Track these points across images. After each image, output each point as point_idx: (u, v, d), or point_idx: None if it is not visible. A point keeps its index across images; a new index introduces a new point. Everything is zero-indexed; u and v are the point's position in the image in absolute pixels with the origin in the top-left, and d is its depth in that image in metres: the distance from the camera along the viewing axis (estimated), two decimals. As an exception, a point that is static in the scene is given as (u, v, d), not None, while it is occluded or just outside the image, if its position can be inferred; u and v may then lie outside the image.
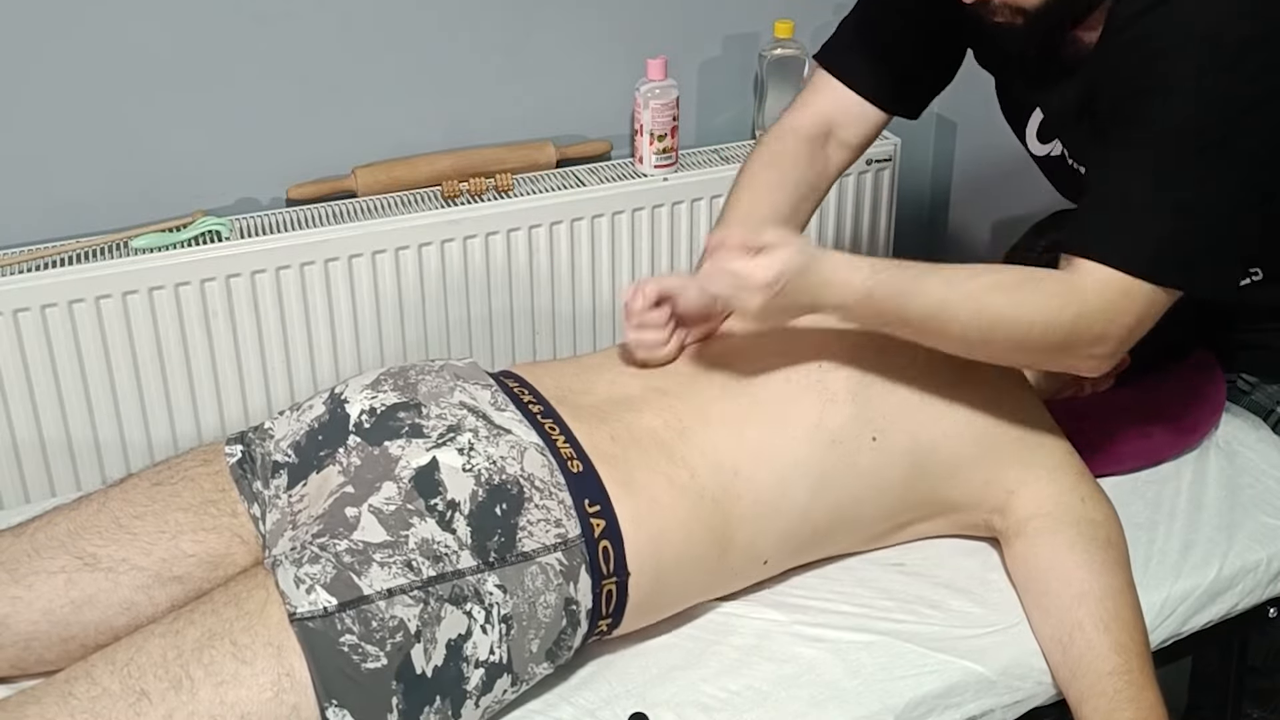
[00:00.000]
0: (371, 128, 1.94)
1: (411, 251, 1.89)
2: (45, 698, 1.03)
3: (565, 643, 1.17)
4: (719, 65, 2.15)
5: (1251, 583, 1.39)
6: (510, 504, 1.15)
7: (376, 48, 1.90)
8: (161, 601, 1.19)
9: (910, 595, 1.33)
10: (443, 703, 1.09)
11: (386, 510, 1.13)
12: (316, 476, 1.21)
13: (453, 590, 1.10)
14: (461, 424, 1.21)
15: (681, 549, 1.22)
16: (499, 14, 1.95)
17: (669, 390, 1.31)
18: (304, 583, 1.07)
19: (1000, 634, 1.28)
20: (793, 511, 1.28)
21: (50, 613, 1.17)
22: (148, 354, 1.79)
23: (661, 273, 2.08)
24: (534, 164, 2.03)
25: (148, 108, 1.80)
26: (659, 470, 1.23)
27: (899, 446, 1.30)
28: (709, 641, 1.27)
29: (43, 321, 1.72)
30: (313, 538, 1.12)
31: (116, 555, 1.19)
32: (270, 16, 1.82)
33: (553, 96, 2.04)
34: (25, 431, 1.76)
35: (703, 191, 2.06)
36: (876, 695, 1.21)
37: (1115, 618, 1.23)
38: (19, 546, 1.20)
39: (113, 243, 1.80)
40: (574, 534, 1.16)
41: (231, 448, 1.28)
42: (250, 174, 1.90)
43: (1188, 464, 1.53)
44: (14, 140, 1.75)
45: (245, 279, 1.80)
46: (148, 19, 1.75)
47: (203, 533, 1.22)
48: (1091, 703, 1.21)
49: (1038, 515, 1.30)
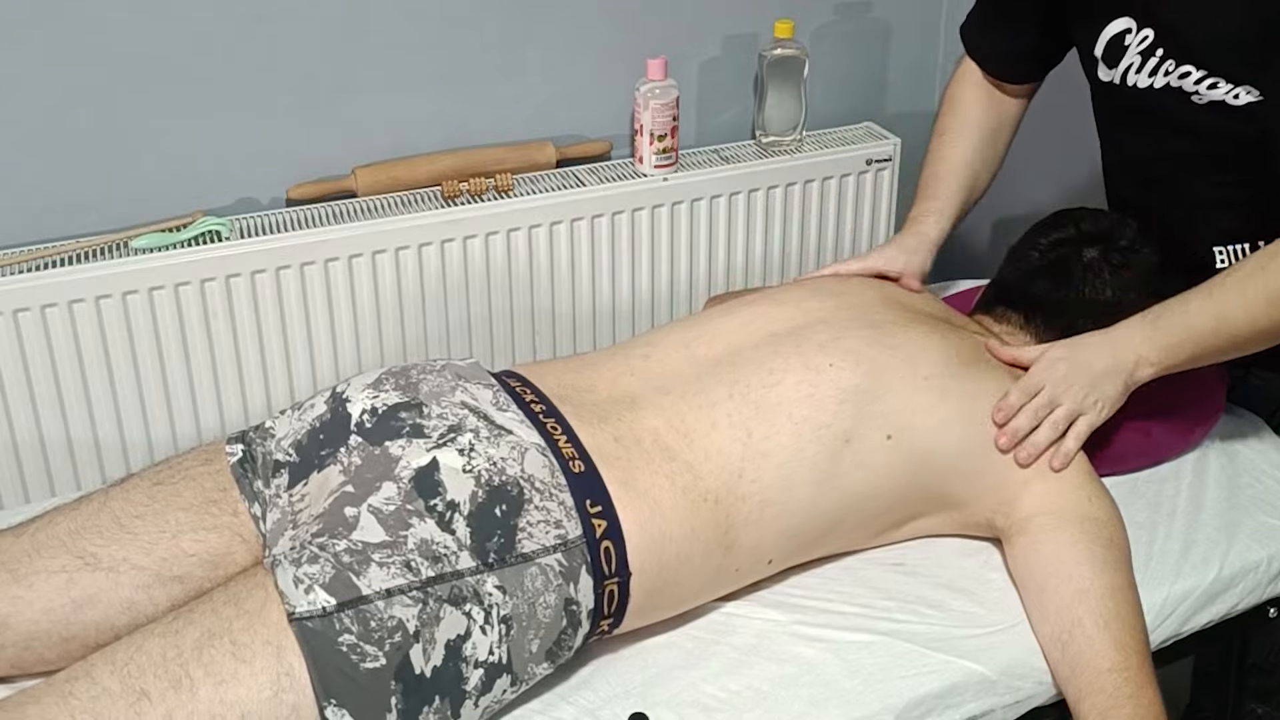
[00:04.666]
0: (371, 128, 1.94)
1: (411, 251, 1.89)
2: (45, 697, 1.04)
3: (565, 643, 1.17)
4: (719, 65, 2.15)
5: (1251, 583, 1.39)
6: (510, 505, 1.15)
7: (376, 48, 1.90)
8: (162, 601, 1.19)
9: (910, 595, 1.33)
10: (442, 702, 1.09)
11: (386, 510, 1.13)
12: (318, 476, 1.21)
13: (452, 591, 1.10)
14: (463, 424, 1.21)
15: (684, 549, 1.22)
16: (499, 14, 1.95)
17: (671, 390, 1.31)
18: (303, 582, 1.07)
19: (1000, 634, 1.28)
20: (798, 511, 1.28)
21: (51, 612, 1.17)
22: (148, 354, 1.79)
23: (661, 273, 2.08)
24: (534, 164, 2.03)
25: (148, 108, 1.79)
26: (661, 471, 1.23)
27: (909, 445, 1.30)
28: (709, 641, 1.27)
29: (43, 321, 1.72)
30: (312, 537, 1.12)
31: (117, 555, 1.19)
32: (270, 16, 1.81)
33: (553, 96, 2.04)
34: (25, 431, 1.76)
35: (703, 191, 2.06)
36: (876, 695, 1.21)
37: (1115, 616, 1.23)
38: (19, 546, 1.20)
39: (113, 243, 1.79)
40: (574, 535, 1.16)
41: (232, 447, 1.28)
42: (250, 174, 1.90)
43: (1188, 464, 1.53)
44: (14, 140, 1.74)
45: (245, 279, 1.80)
46: (148, 19, 1.75)
47: (203, 532, 1.22)
48: (1090, 700, 1.21)
49: (1041, 513, 1.30)
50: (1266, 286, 1.30)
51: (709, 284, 2.12)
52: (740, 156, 2.13)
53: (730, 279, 2.13)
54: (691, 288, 2.11)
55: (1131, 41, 1.44)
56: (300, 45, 1.85)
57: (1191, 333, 1.34)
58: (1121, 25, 1.45)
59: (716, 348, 1.37)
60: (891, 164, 2.20)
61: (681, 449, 1.25)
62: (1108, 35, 1.47)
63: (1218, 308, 1.32)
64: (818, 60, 2.14)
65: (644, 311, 2.09)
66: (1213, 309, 1.33)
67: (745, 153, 2.15)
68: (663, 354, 1.37)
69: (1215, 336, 1.33)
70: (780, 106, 2.12)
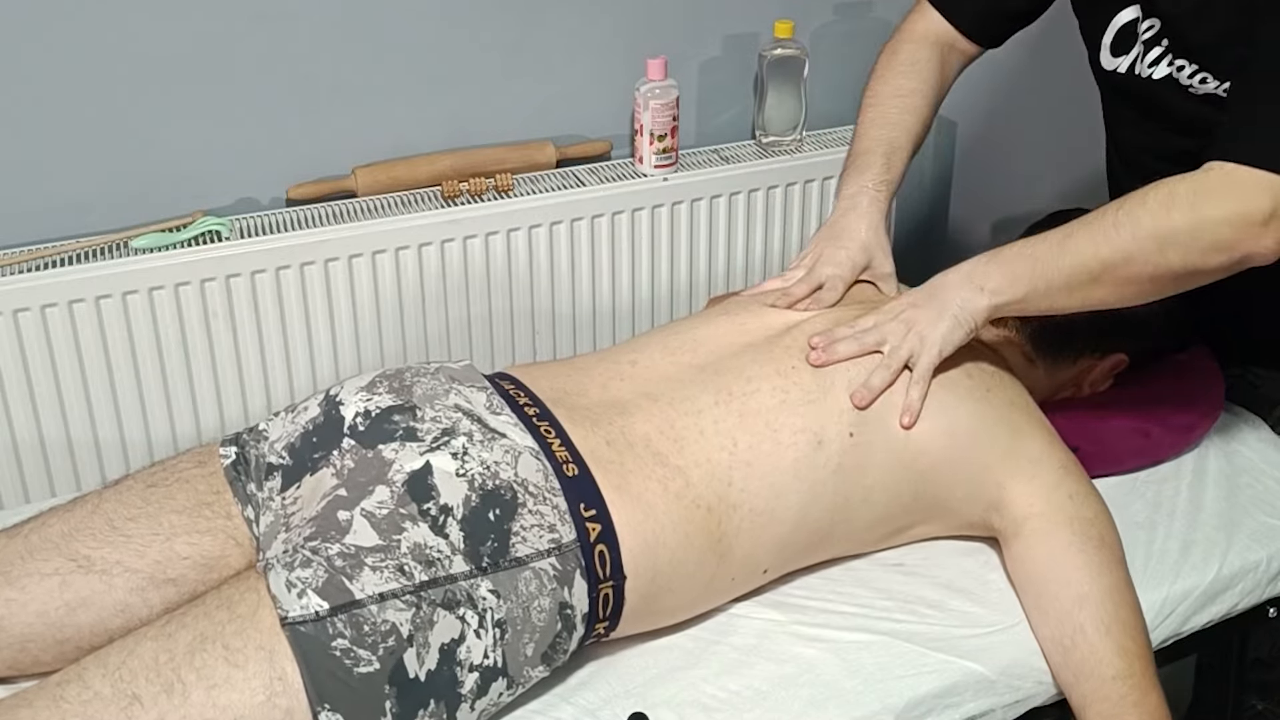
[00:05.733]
0: (371, 128, 1.94)
1: (411, 251, 1.89)
2: (37, 700, 1.03)
3: (560, 646, 1.17)
4: (719, 65, 2.14)
5: (1251, 582, 1.39)
6: (503, 509, 1.15)
7: (376, 48, 1.90)
8: (156, 604, 1.19)
9: (910, 595, 1.33)
10: (437, 706, 1.09)
11: (379, 514, 1.13)
12: (310, 479, 1.21)
13: (445, 595, 1.10)
14: (456, 427, 1.21)
15: (678, 555, 1.21)
16: (499, 14, 1.95)
17: (659, 397, 1.30)
18: (295, 586, 1.07)
19: (1000, 634, 1.28)
20: (788, 520, 1.27)
21: (44, 614, 1.17)
22: (148, 354, 1.79)
23: (661, 273, 2.08)
24: (534, 164, 2.03)
25: (148, 107, 1.79)
26: (654, 476, 1.23)
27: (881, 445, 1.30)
28: (709, 641, 1.27)
29: (43, 321, 1.72)
30: (305, 541, 1.12)
31: (110, 557, 1.19)
32: (270, 16, 1.81)
33: (553, 96, 2.04)
34: (25, 431, 1.76)
35: (703, 191, 2.06)
36: (876, 695, 1.21)
37: (1116, 619, 1.23)
38: (13, 548, 1.20)
39: (113, 243, 1.79)
40: (568, 539, 1.16)
41: (226, 449, 1.28)
42: (250, 174, 1.90)
43: (1187, 464, 1.53)
44: (14, 140, 1.75)
45: (245, 279, 1.80)
46: (148, 18, 1.75)
47: (197, 535, 1.22)
48: (1096, 708, 1.21)
49: (1031, 516, 1.30)
50: (1116, 217, 1.26)
51: (709, 284, 2.12)
52: (740, 156, 2.13)
53: (730, 279, 2.13)
54: (691, 288, 2.11)
55: (1140, 31, 1.43)
56: (300, 45, 1.85)
57: (1036, 261, 1.29)
58: (1131, 14, 1.44)
59: (701, 354, 1.37)
60: (892, 163, 2.20)
61: (673, 454, 1.25)
62: (1119, 24, 1.45)
63: (1064, 235, 1.29)
64: (818, 60, 2.14)
65: (644, 311, 2.09)
66: (1059, 237, 1.29)
67: (745, 153, 2.15)
68: (649, 359, 1.36)
69: (1056, 268, 1.28)
70: (780, 106, 2.12)
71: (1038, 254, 1.30)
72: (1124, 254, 1.25)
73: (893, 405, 1.31)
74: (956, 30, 1.60)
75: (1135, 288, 1.28)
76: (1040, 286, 1.29)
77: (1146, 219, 1.24)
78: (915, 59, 1.57)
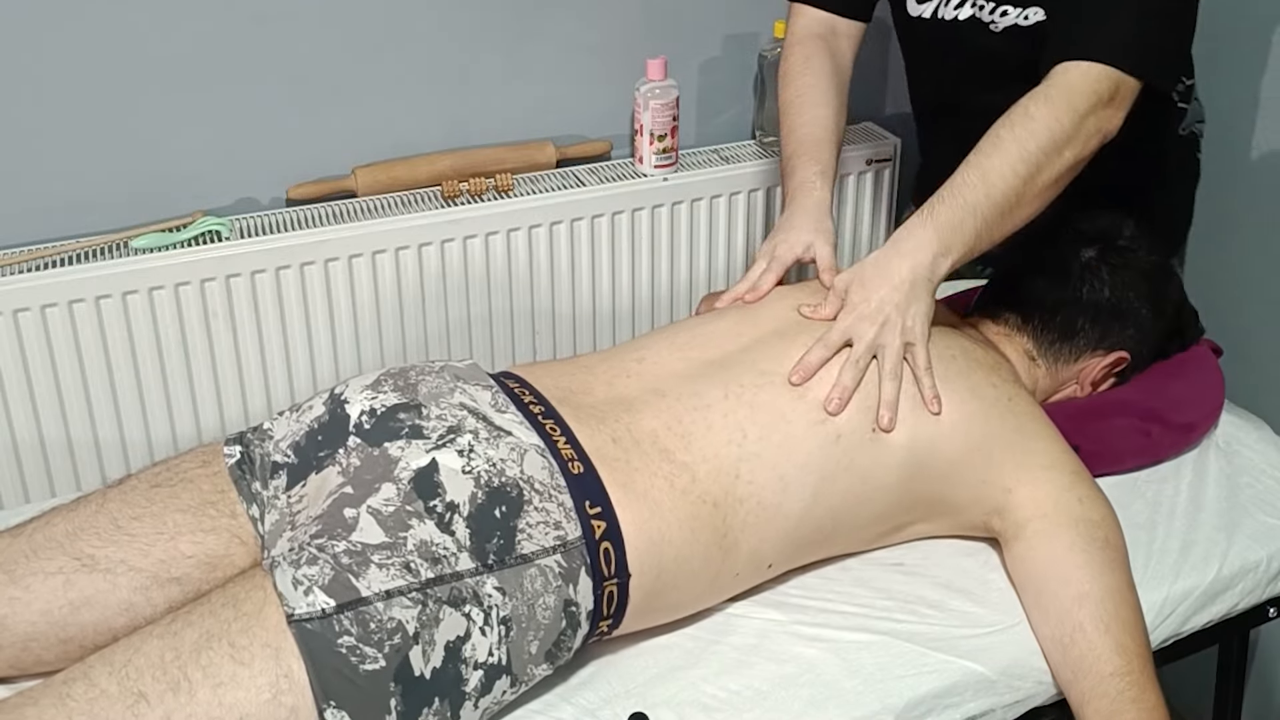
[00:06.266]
0: (371, 128, 1.94)
1: (411, 251, 1.89)
2: (43, 699, 1.03)
3: (565, 644, 1.17)
4: (719, 65, 2.15)
5: (1251, 582, 1.39)
6: (509, 506, 1.15)
7: (376, 48, 1.90)
8: (160, 603, 1.19)
9: (910, 595, 1.33)
10: (441, 704, 1.09)
11: (385, 511, 1.13)
12: (316, 477, 1.21)
13: (451, 592, 1.10)
14: (461, 425, 1.21)
15: (683, 551, 1.22)
16: (499, 14, 1.95)
17: (667, 393, 1.31)
18: (302, 584, 1.07)
19: (1000, 634, 1.28)
20: (794, 513, 1.27)
21: (48, 614, 1.17)
22: (148, 354, 1.79)
23: (661, 273, 2.08)
24: (534, 164, 2.03)
25: (148, 108, 1.80)
26: (660, 473, 1.23)
27: (896, 442, 1.30)
28: (709, 641, 1.27)
29: (43, 321, 1.72)
30: (311, 539, 1.12)
31: (114, 556, 1.19)
32: (270, 16, 1.82)
33: (553, 96, 2.04)
34: (25, 431, 1.76)
35: (703, 191, 2.06)
36: (876, 695, 1.21)
37: (1116, 618, 1.23)
38: (17, 547, 1.20)
39: (113, 243, 1.80)
40: (574, 536, 1.16)
41: (230, 448, 1.28)
42: (250, 174, 1.90)
43: (1187, 464, 1.53)
44: (14, 140, 1.75)
45: (245, 279, 1.80)
46: (148, 19, 1.75)
47: (201, 534, 1.21)
48: (1094, 704, 1.21)
49: (1036, 517, 1.30)
50: (1015, 136, 1.37)
51: (709, 284, 2.12)
52: (740, 156, 2.13)
53: (730, 279, 2.13)
54: (691, 288, 2.11)
55: None
56: (300, 45, 1.85)
57: (967, 205, 1.36)
58: None
59: (711, 350, 1.37)
60: (891, 164, 2.20)
61: (679, 450, 1.25)
62: None
63: (980, 171, 1.37)
64: (818, 60, 2.14)
65: (644, 311, 2.09)
66: (977, 175, 1.37)
67: (745, 153, 2.15)
68: (657, 356, 1.37)
69: (989, 201, 1.36)
70: (780, 106, 2.12)
71: (966, 198, 1.36)
72: (1035, 166, 1.36)
73: (917, 402, 1.32)
74: (832, 14, 1.71)
75: (1047, 195, 1.40)
76: (981, 227, 1.37)
77: (1041, 130, 1.37)
78: (807, 56, 1.68)
